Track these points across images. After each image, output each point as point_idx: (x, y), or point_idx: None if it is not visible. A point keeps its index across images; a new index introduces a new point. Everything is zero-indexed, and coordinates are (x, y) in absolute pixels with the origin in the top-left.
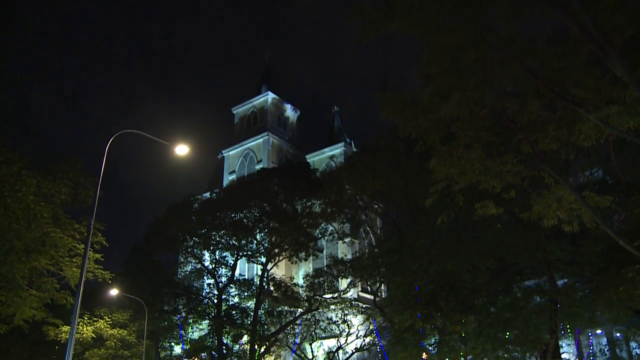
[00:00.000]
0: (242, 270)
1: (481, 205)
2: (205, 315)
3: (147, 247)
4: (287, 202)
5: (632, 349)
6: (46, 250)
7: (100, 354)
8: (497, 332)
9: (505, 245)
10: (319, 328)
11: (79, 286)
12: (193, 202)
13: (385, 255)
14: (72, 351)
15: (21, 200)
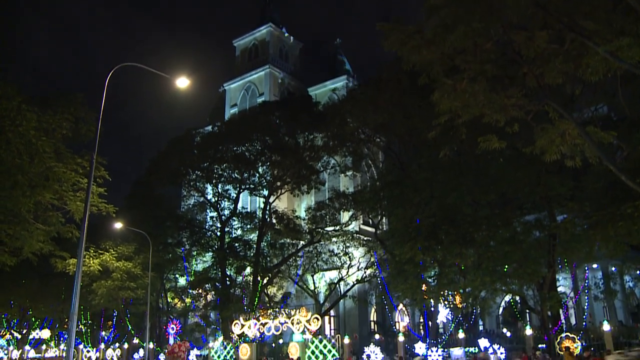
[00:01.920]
0: (244, 203)
1: (484, 139)
2: (208, 248)
3: (149, 180)
4: (289, 135)
5: (625, 282)
6: (50, 184)
7: (107, 285)
8: (496, 265)
9: (507, 180)
10: (321, 260)
11: (83, 220)
12: (195, 135)
13: (387, 188)
14: (79, 283)
15: (22, 135)
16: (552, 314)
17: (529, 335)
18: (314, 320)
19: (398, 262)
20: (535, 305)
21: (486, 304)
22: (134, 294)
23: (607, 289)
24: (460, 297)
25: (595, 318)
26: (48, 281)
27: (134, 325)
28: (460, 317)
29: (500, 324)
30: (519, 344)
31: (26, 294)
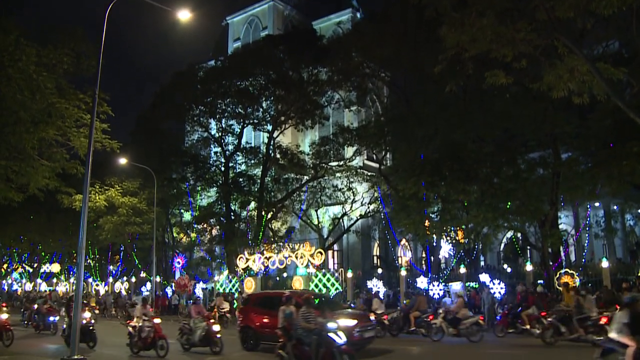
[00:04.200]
0: (248, 138)
1: (491, 74)
2: (213, 183)
3: (153, 115)
4: (293, 69)
5: (626, 221)
6: (53, 121)
7: (113, 220)
8: (498, 202)
9: (512, 117)
10: (325, 195)
11: (87, 155)
12: (198, 70)
13: (392, 123)
14: (86, 218)
15: (23, 70)
16: (553, 251)
17: (529, 271)
18: (318, 254)
19: (401, 198)
20: (536, 242)
21: (488, 240)
22: (140, 229)
23: (607, 227)
24: (462, 233)
25: (594, 255)
26: (55, 217)
27: (140, 260)
28: (462, 253)
29: (501, 260)
30: (519, 279)
31: (35, 229)
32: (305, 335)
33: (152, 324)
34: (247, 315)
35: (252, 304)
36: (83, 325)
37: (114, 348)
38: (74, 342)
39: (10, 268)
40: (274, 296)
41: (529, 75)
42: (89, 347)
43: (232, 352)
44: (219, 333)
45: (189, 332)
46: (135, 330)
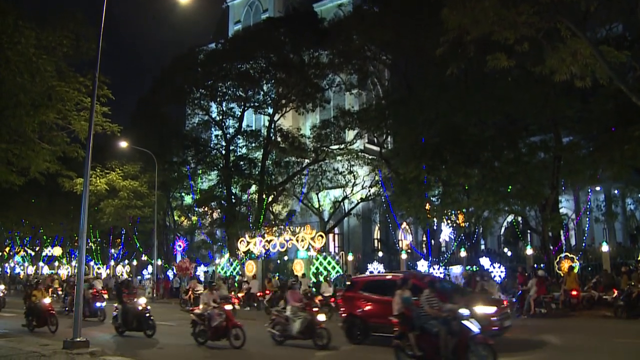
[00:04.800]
0: (249, 122)
1: (493, 57)
2: (213, 166)
3: (153, 99)
4: (293, 52)
5: (627, 205)
6: (53, 104)
7: (114, 204)
8: (499, 185)
9: (514, 100)
10: (326, 178)
11: (88, 139)
12: (198, 53)
13: (392, 107)
14: (87, 202)
15: (22, 53)
16: (553, 235)
17: (530, 255)
18: (319, 237)
19: (402, 181)
20: (537, 225)
21: (488, 224)
22: (141, 212)
23: (608, 211)
24: (463, 217)
25: (595, 239)
26: (57, 200)
27: (142, 243)
28: (462, 236)
29: (501, 244)
30: (519, 263)
31: (36, 213)
32: (431, 323)
33: (224, 311)
34: (353, 302)
35: (358, 289)
36: (139, 312)
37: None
38: (76, 323)
39: (13, 251)
40: (385, 279)
41: (531, 58)
42: (147, 335)
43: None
44: (323, 323)
45: (284, 322)
46: (202, 319)
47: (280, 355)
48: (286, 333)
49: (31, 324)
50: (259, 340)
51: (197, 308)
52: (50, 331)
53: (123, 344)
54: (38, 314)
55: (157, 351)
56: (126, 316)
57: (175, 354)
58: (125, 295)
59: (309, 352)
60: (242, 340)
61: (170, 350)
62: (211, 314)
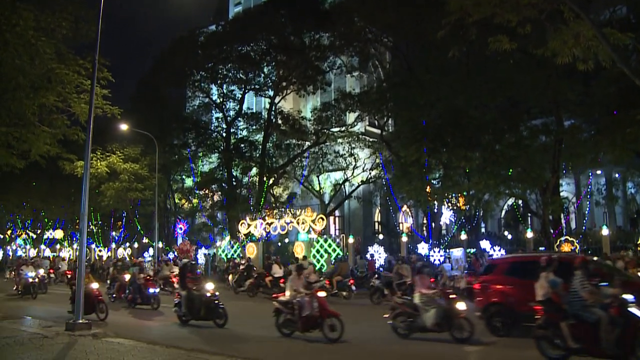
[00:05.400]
0: (250, 104)
1: (495, 39)
2: (214, 149)
3: (153, 81)
4: (294, 34)
5: (627, 189)
6: (53, 86)
7: (115, 187)
8: (500, 168)
9: (515, 83)
10: (326, 161)
11: (88, 122)
12: (198, 35)
13: (393, 89)
14: (88, 184)
15: (21, 35)
16: (553, 218)
17: (530, 238)
18: (319, 220)
19: (403, 164)
20: (537, 209)
21: (489, 207)
22: (142, 195)
23: (609, 194)
24: (463, 200)
25: (595, 223)
26: (57, 183)
27: (143, 226)
28: (463, 219)
29: (502, 227)
30: (519, 246)
31: (37, 196)
32: (591, 311)
33: (317, 298)
34: (494, 288)
35: (499, 272)
36: (207, 299)
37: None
38: (78, 304)
39: (14, 234)
40: (529, 260)
41: (533, 41)
42: (217, 325)
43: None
44: (464, 313)
45: (411, 311)
46: (289, 307)
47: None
48: (415, 325)
49: None
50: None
51: (282, 294)
52: (99, 319)
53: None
54: (85, 300)
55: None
56: (192, 304)
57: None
58: (189, 280)
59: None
60: (340, 332)
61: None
62: (302, 302)
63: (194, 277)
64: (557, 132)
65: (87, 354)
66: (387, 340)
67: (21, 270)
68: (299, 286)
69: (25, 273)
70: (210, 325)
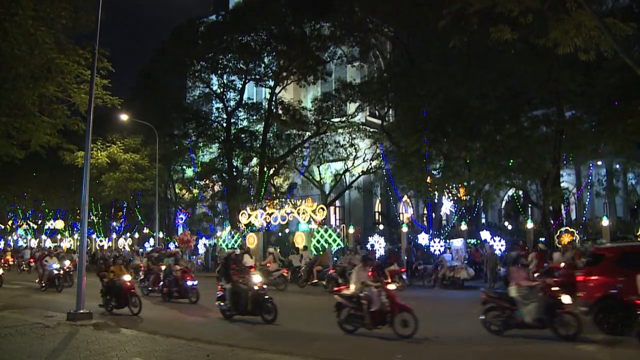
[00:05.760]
0: (250, 94)
1: (496, 29)
2: (214, 139)
3: (154, 71)
4: (295, 24)
5: (628, 180)
6: (52, 77)
7: (115, 177)
8: (501, 159)
9: (517, 74)
10: (327, 151)
11: (88, 112)
12: (198, 25)
13: (394, 79)
14: (88, 175)
15: (20, 25)
16: (554, 209)
17: (530, 229)
18: (320, 210)
19: (404, 154)
20: (538, 199)
21: (489, 197)
22: (142, 185)
23: (609, 185)
24: (464, 190)
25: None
26: (58, 174)
27: (143, 216)
28: (463, 210)
29: (502, 217)
30: (519, 237)
31: (38, 186)
32: None
33: (387, 291)
34: (603, 280)
35: (609, 262)
36: (254, 292)
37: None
38: (79, 294)
39: (15, 225)
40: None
41: (535, 31)
42: (265, 321)
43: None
44: (570, 307)
45: (508, 305)
46: (354, 301)
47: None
48: (511, 321)
49: (109, 304)
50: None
51: (345, 287)
52: (132, 313)
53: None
54: (117, 293)
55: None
56: (237, 298)
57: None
58: (234, 272)
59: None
60: (413, 328)
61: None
62: (370, 296)
63: (239, 269)
64: (558, 123)
65: (89, 344)
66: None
67: (45, 261)
68: (366, 278)
69: (50, 265)
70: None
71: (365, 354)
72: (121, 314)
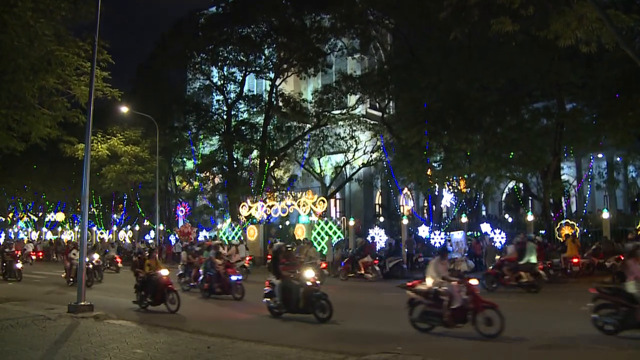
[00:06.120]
0: (250, 86)
1: (497, 21)
2: (215, 131)
3: (154, 64)
4: (295, 16)
5: (628, 172)
6: (52, 69)
7: (116, 169)
8: (501, 151)
9: (518, 66)
10: (327, 143)
11: (89, 104)
12: (199, 17)
13: (395, 71)
14: (88, 167)
15: (19, 16)
16: (554, 201)
17: (530, 221)
18: (320, 202)
19: (404, 146)
20: (538, 192)
21: (490, 190)
22: (143, 177)
23: (610, 178)
24: (464, 182)
25: (595, 206)
26: (58, 166)
27: (144, 208)
28: (463, 202)
29: (502, 210)
30: (520, 229)
31: (38, 179)
32: None
33: (468, 287)
34: None
35: None
36: (307, 288)
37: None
38: (80, 286)
39: (16, 217)
40: None
41: (536, 23)
42: (318, 319)
43: None
44: None
45: (625, 302)
46: (432, 298)
47: None
48: (630, 320)
49: (144, 300)
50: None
51: (418, 282)
52: (169, 310)
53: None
54: (153, 288)
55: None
56: (288, 294)
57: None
58: (284, 267)
59: None
60: (499, 327)
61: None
62: (450, 291)
63: (290, 263)
64: (558, 115)
65: (90, 336)
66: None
67: (73, 254)
68: (445, 272)
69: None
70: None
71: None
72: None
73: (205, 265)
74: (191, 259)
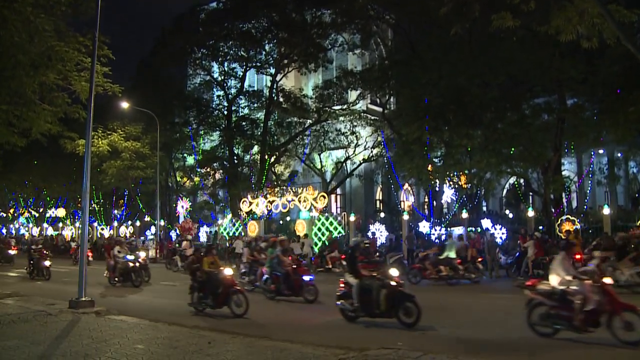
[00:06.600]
0: (251, 82)
1: (498, 16)
2: (215, 127)
3: (155, 59)
4: (296, 11)
5: (629, 168)
6: (53, 64)
7: (116, 165)
8: (502, 147)
9: (518, 62)
10: (328, 139)
11: (89, 100)
12: (199, 12)
13: (396, 67)
14: (89, 163)
15: (19, 12)
16: (555, 197)
17: (531, 217)
18: (321, 198)
19: (405, 142)
20: (539, 188)
21: (490, 186)
22: (144, 173)
23: (611, 174)
24: (465, 178)
25: (596, 202)
26: (59, 162)
27: (144, 204)
28: (464, 198)
29: (503, 205)
30: (520, 225)
31: (39, 175)
32: None
33: (604, 288)
34: None
35: None
36: (391, 289)
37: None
38: (81, 282)
39: (17, 213)
40: None
41: (537, 18)
42: (402, 323)
43: None
44: None
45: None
46: (557, 299)
47: None
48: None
49: (202, 302)
50: None
51: (538, 281)
52: (235, 314)
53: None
54: (215, 289)
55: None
56: (367, 296)
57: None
58: (362, 265)
59: None
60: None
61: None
62: (583, 292)
63: (369, 261)
64: (559, 111)
65: (91, 331)
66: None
67: (118, 252)
68: (574, 270)
69: (124, 256)
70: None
71: None
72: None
73: (270, 264)
74: (257, 256)
